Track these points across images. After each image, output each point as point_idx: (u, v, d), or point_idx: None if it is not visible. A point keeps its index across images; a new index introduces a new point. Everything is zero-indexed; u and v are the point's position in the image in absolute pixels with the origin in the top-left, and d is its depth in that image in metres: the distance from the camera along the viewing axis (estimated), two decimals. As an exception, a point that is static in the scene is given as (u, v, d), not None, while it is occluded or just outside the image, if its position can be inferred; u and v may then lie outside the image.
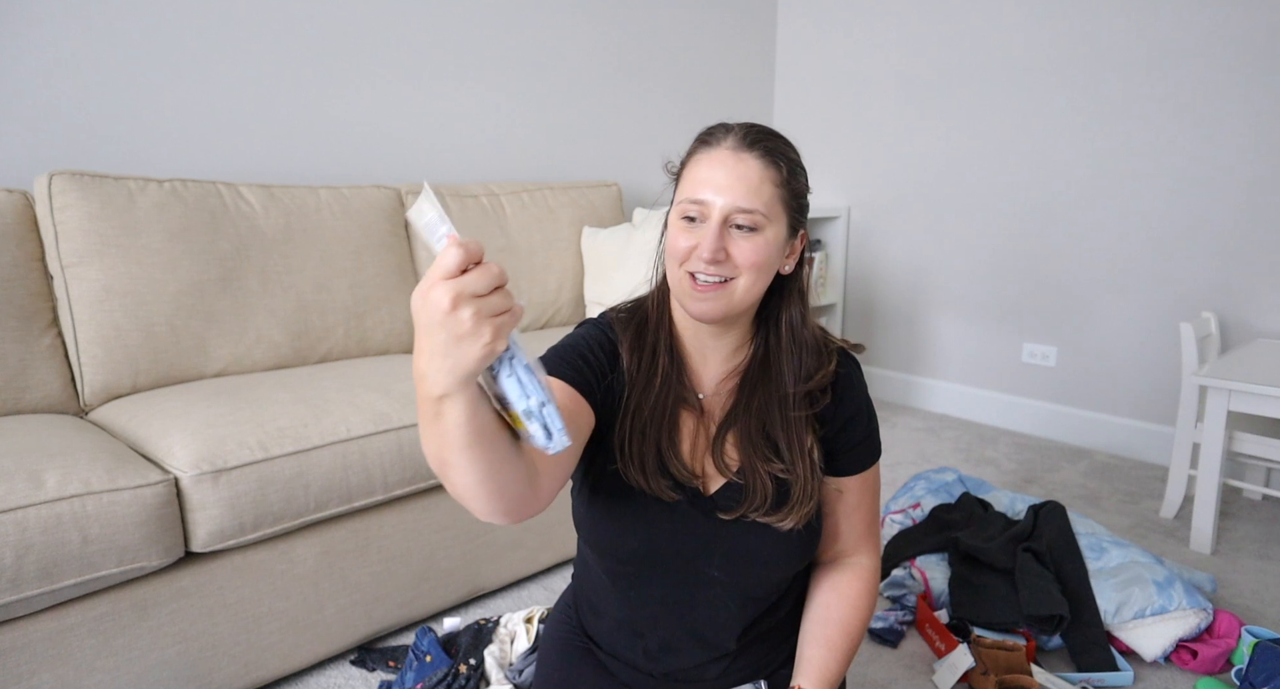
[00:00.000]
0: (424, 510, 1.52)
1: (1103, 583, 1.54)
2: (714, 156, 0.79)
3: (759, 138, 0.80)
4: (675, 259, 0.81)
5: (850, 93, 3.19)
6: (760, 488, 0.84)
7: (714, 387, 0.89)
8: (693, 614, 0.88)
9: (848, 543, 0.95)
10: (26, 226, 1.52)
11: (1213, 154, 2.30)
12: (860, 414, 0.91)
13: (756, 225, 0.78)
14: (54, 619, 1.11)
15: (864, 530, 0.95)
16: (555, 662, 0.98)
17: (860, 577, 0.93)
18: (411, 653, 1.42)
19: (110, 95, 1.78)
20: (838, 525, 0.93)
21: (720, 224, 0.78)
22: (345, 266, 1.89)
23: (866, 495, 0.94)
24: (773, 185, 0.79)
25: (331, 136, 2.16)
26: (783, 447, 0.85)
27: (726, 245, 0.78)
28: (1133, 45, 2.42)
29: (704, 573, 0.85)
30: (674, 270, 0.82)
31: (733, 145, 0.79)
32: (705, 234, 0.78)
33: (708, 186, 0.78)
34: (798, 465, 0.85)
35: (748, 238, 0.78)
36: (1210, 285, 2.35)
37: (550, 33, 2.62)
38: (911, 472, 2.41)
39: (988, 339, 2.93)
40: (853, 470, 0.91)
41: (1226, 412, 1.82)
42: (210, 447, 1.24)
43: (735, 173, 0.78)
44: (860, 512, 0.94)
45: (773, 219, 0.79)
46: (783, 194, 0.80)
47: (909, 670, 1.45)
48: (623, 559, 0.86)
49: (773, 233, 0.80)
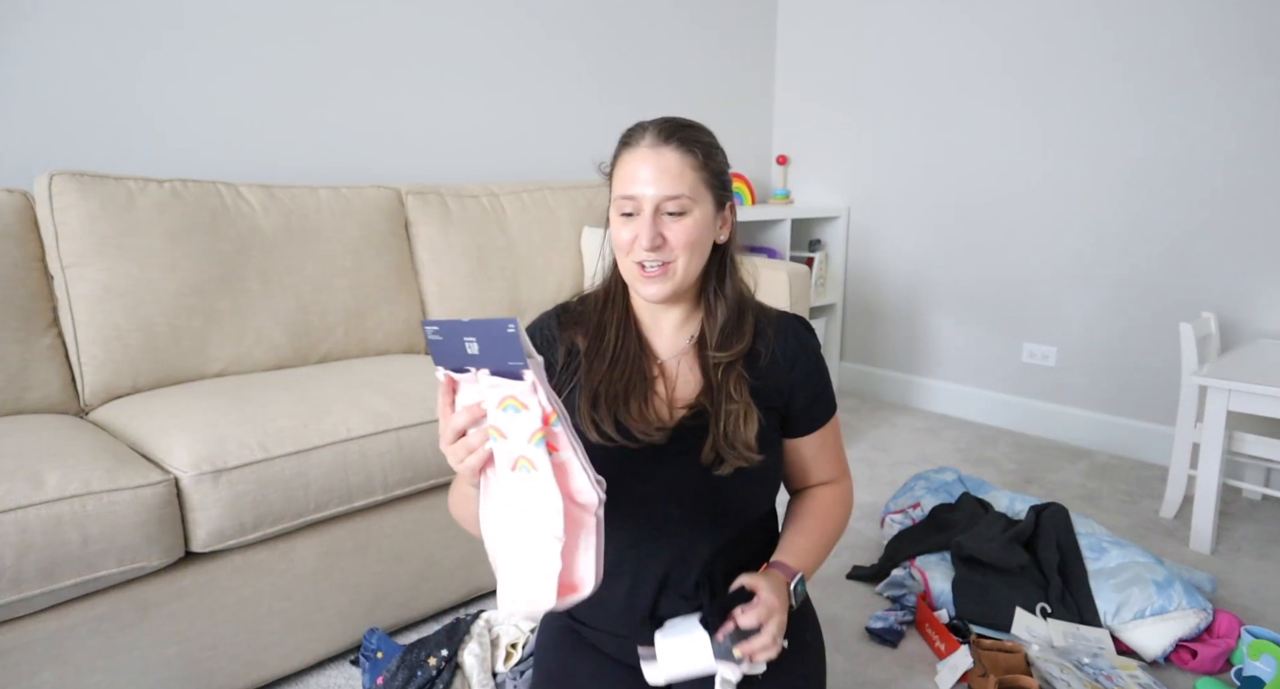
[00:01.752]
0: (424, 510, 1.52)
1: (1102, 583, 1.55)
2: (636, 155, 0.88)
3: (673, 130, 0.88)
4: (622, 251, 0.90)
5: (850, 93, 3.19)
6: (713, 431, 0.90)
7: (670, 351, 0.98)
8: (656, 555, 0.92)
9: (819, 478, 1.04)
10: (26, 226, 1.52)
11: (1213, 154, 2.30)
12: (815, 376, 0.99)
13: (684, 209, 0.87)
14: (54, 619, 1.11)
15: (833, 467, 1.04)
16: (551, 658, 1.00)
17: (833, 490, 1.03)
18: (362, 656, 1.42)
19: (110, 95, 1.78)
20: (807, 469, 1.03)
21: (653, 214, 0.86)
22: (345, 266, 1.89)
23: (829, 439, 1.02)
24: (692, 170, 0.87)
25: (331, 136, 2.16)
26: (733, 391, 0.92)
27: (662, 231, 0.87)
28: (1132, 45, 2.42)
29: (664, 511, 0.91)
30: (623, 260, 0.91)
31: (650, 142, 0.88)
32: (641, 225, 0.87)
33: (635, 182, 0.87)
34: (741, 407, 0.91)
35: (679, 221, 0.87)
36: (1210, 285, 2.35)
37: (550, 33, 2.62)
38: (911, 472, 2.41)
39: (988, 339, 2.93)
40: (812, 429, 1.00)
41: (1226, 412, 1.82)
42: (210, 447, 1.25)
43: (658, 166, 0.86)
44: (825, 453, 1.02)
45: (698, 200, 0.88)
46: (703, 176, 0.89)
47: (909, 670, 1.45)
48: None
49: (700, 212, 0.88)
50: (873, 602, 1.68)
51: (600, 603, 0.93)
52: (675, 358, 0.97)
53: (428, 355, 2.12)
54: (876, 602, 1.68)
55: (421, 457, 1.46)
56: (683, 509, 0.91)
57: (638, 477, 0.90)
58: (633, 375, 0.93)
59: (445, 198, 2.16)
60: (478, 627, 1.45)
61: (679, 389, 0.96)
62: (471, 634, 1.43)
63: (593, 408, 0.90)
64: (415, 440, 1.45)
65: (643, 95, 2.94)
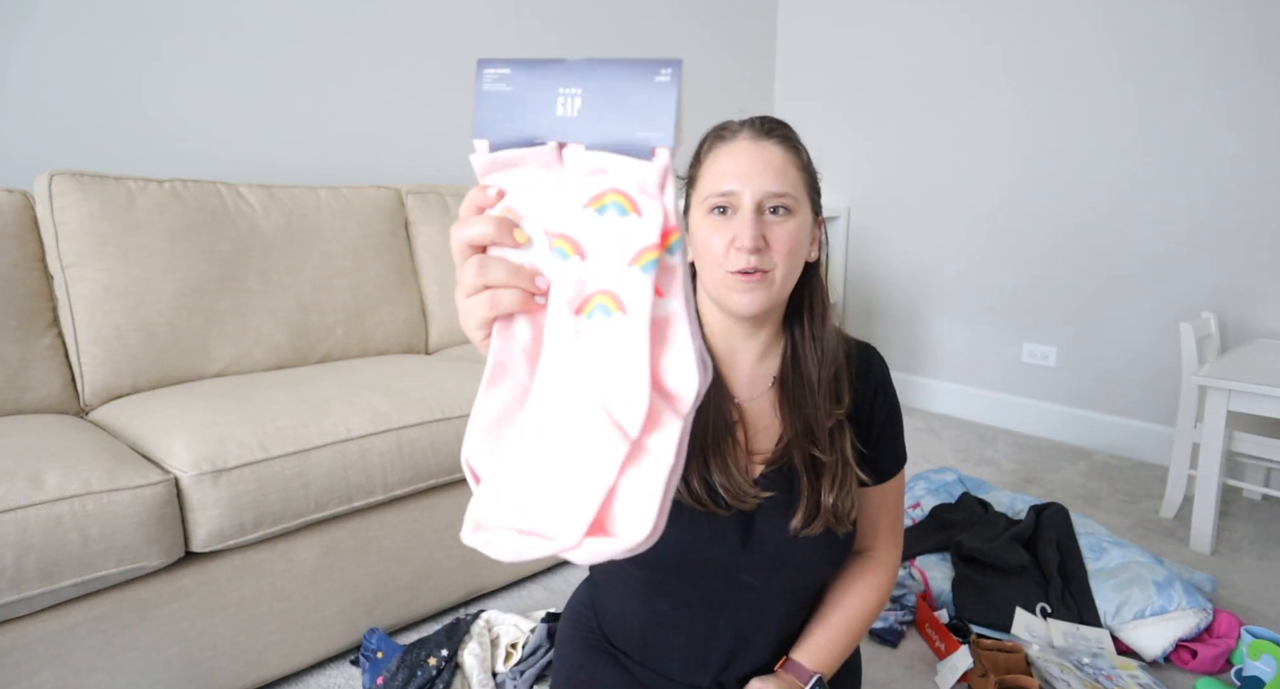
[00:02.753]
0: (424, 510, 1.51)
1: (1102, 583, 1.55)
2: (734, 147, 0.77)
3: (774, 126, 0.79)
4: (713, 258, 0.77)
5: (850, 93, 3.19)
6: (808, 497, 0.81)
7: (748, 391, 0.86)
8: (729, 617, 0.85)
9: (868, 540, 0.93)
10: (26, 226, 1.52)
11: (1212, 154, 2.30)
12: (892, 420, 0.89)
13: (790, 208, 0.76)
14: (54, 619, 1.11)
15: (886, 529, 0.93)
16: (577, 661, 0.95)
17: (872, 568, 0.91)
18: (362, 656, 1.42)
19: (110, 95, 1.78)
20: (862, 524, 0.91)
21: (754, 211, 0.75)
22: (345, 266, 1.89)
23: (890, 496, 0.92)
24: (796, 169, 0.78)
25: (331, 136, 2.16)
26: (822, 449, 0.82)
27: (764, 232, 0.75)
28: (1132, 46, 2.42)
29: (737, 578, 0.83)
30: (713, 271, 0.77)
31: (751, 135, 0.78)
32: (741, 224, 0.74)
33: (734, 177, 0.76)
34: (840, 467, 0.82)
35: (782, 223, 0.76)
36: (1210, 285, 2.35)
37: (550, 32, 2.62)
38: (911, 472, 2.40)
39: (988, 339, 2.93)
40: (879, 480, 0.89)
41: (1226, 412, 1.82)
42: (210, 447, 1.24)
43: (761, 159, 0.76)
44: (884, 512, 0.92)
45: (800, 202, 0.78)
46: (805, 177, 0.79)
47: (909, 670, 1.45)
48: (653, 566, 0.82)
49: (802, 217, 0.78)
50: (873, 602, 1.68)
51: (648, 647, 0.88)
52: (754, 399, 0.85)
53: (426, 350, 2.15)
54: (876, 602, 1.68)
55: (421, 457, 1.46)
56: (759, 576, 0.82)
57: (712, 541, 0.80)
58: (716, 422, 0.81)
59: (445, 198, 2.17)
60: (478, 627, 1.45)
61: (757, 438, 0.84)
62: (471, 634, 1.43)
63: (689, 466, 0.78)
64: (415, 440, 1.45)
65: (643, 95, 2.94)
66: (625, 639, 0.92)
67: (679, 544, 0.79)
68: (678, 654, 0.87)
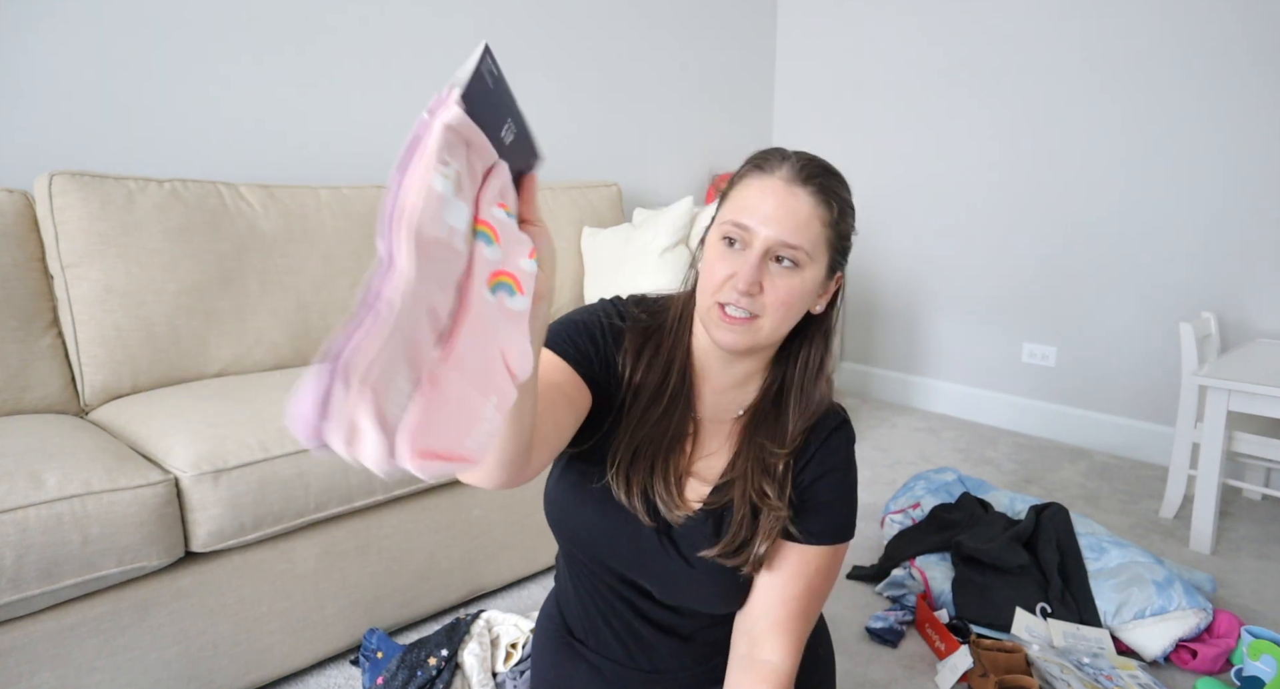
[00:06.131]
0: (424, 510, 1.52)
1: (1102, 583, 1.55)
2: (766, 184, 0.76)
3: (815, 173, 0.77)
4: (710, 284, 0.77)
5: (850, 93, 3.19)
6: (737, 533, 0.80)
7: (713, 411, 0.86)
8: (640, 607, 0.88)
9: (760, 624, 0.82)
10: (26, 226, 1.52)
11: (1212, 153, 2.30)
12: (845, 485, 0.85)
13: (798, 262, 0.75)
14: (54, 619, 1.11)
15: (785, 617, 0.81)
16: (549, 662, 0.98)
17: (762, 682, 0.79)
18: (362, 656, 1.42)
19: (110, 95, 1.78)
20: (760, 595, 0.83)
21: (761, 255, 0.74)
22: (345, 266, 1.89)
23: (805, 574, 0.82)
24: (821, 224, 0.76)
25: (331, 136, 2.16)
26: (771, 489, 0.81)
27: (762, 279, 0.75)
28: (1131, 45, 2.42)
29: (640, 582, 0.86)
30: (706, 296, 0.78)
31: (787, 176, 0.76)
32: (744, 263, 0.74)
33: (754, 214, 0.75)
34: (781, 507, 0.81)
35: (785, 275, 0.75)
36: (1210, 285, 2.35)
37: (549, 33, 2.62)
38: (911, 472, 2.41)
39: (988, 339, 2.93)
40: (808, 538, 0.82)
41: (1226, 412, 1.82)
42: (210, 447, 1.24)
43: (786, 206, 0.74)
44: (791, 590, 0.81)
45: (814, 258, 0.76)
46: (829, 234, 0.77)
47: (909, 670, 1.45)
48: (570, 540, 0.88)
49: (811, 273, 0.77)
50: (873, 602, 1.68)
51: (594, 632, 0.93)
52: (713, 421, 0.86)
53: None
54: (876, 602, 1.68)
55: (421, 457, 1.46)
56: (656, 587, 0.85)
57: (621, 536, 0.83)
58: (674, 431, 0.82)
59: (445, 198, 2.16)
60: (478, 627, 1.45)
61: (703, 460, 0.85)
62: (471, 634, 1.43)
63: (631, 464, 0.80)
64: (415, 440, 1.45)
65: (642, 96, 2.94)
66: (579, 625, 0.96)
67: (590, 525, 0.84)
68: (613, 639, 0.91)
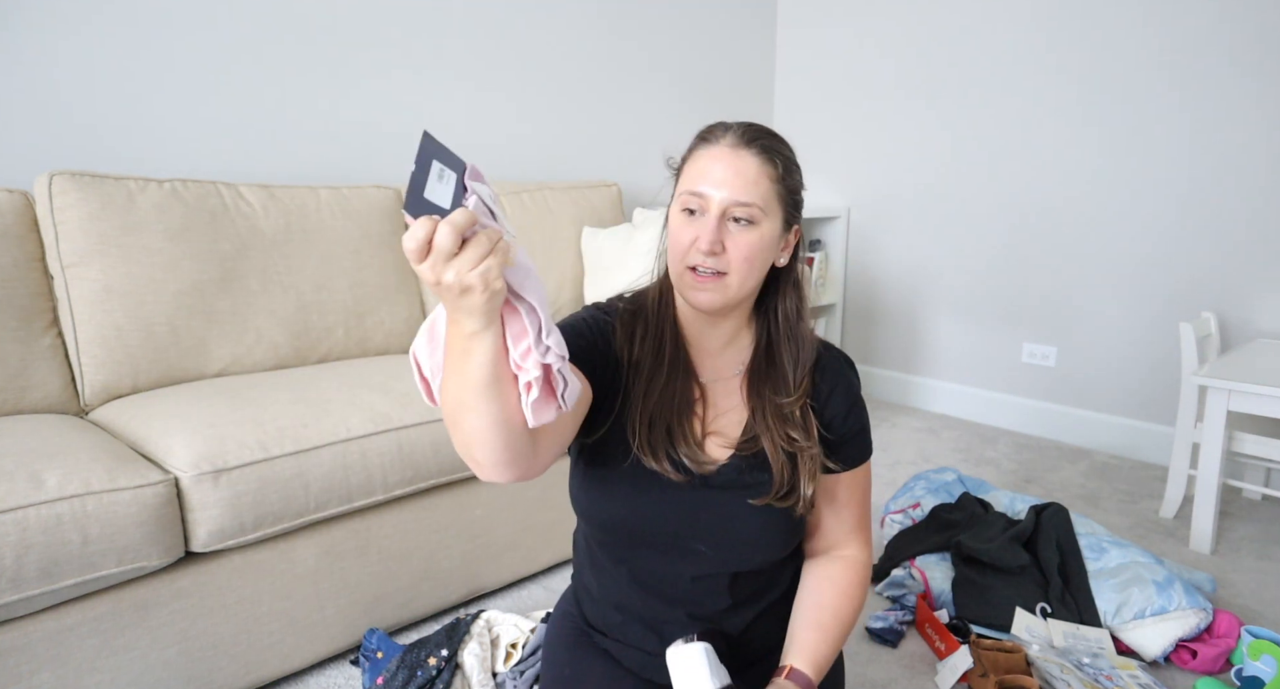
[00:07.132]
0: (424, 510, 1.52)
1: (1102, 583, 1.55)
2: (713, 152, 0.83)
3: (756, 136, 0.83)
4: (677, 252, 0.84)
5: (850, 93, 3.19)
6: (780, 474, 0.86)
7: (713, 373, 0.92)
8: (681, 588, 0.90)
9: (837, 536, 0.96)
10: (26, 226, 1.52)
11: (1212, 154, 2.30)
12: (854, 410, 0.93)
13: (753, 218, 0.82)
14: (54, 619, 1.11)
15: (854, 525, 0.97)
16: (563, 658, 0.98)
17: (850, 568, 0.95)
18: (362, 656, 1.42)
19: (110, 95, 1.78)
20: (827, 520, 0.96)
21: (719, 217, 0.81)
22: (345, 266, 1.89)
23: (856, 491, 0.96)
24: (769, 180, 0.82)
25: (331, 136, 2.16)
26: (796, 432, 0.87)
27: (724, 238, 0.81)
28: (1132, 45, 2.42)
29: (690, 546, 0.88)
30: (675, 264, 0.85)
31: (731, 142, 0.82)
32: (704, 227, 0.81)
33: (707, 180, 0.82)
34: (813, 445, 0.87)
35: (743, 232, 0.82)
36: (1210, 285, 2.35)
37: (550, 33, 2.62)
38: (911, 472, 2.41)
39: (987, 339, 2.93)
40: (845, 466, 0.93)
41: (1226, 412, 1.82)
42: (210, 447, 1.24)
43: (733, 168, 0.81)
44: (850, 507, 0.96)
45: (769, 213, 0.83)
46: (778, 189, 0.84)
47: (909, 670, 1.45)
48: (610, 527, 0.90)
49: (768, 227, 0.83)
50: (873, 602, 1.68)
51: (619, 621, 0.94)
52: (718, 381, 0.92)
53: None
54: (876, 602, 1.68)
55: (421, 456, 1.46)
56: (710, 544, 0.87)
57: (663, 506, 0.86)
58: (680, 396, 0.88)
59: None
60: (478, 627, 1.45)
61: (719, 421, 0.91)
62: (471, 634, 1.43)
63: (650, 431, 0.85)
64: (415, 440, 1.45)
65: (643, 96, 2.94)
66: (600, 616, 0.97)
67: (628, 505, 0.87)
68: (641, 625, 0.92)
